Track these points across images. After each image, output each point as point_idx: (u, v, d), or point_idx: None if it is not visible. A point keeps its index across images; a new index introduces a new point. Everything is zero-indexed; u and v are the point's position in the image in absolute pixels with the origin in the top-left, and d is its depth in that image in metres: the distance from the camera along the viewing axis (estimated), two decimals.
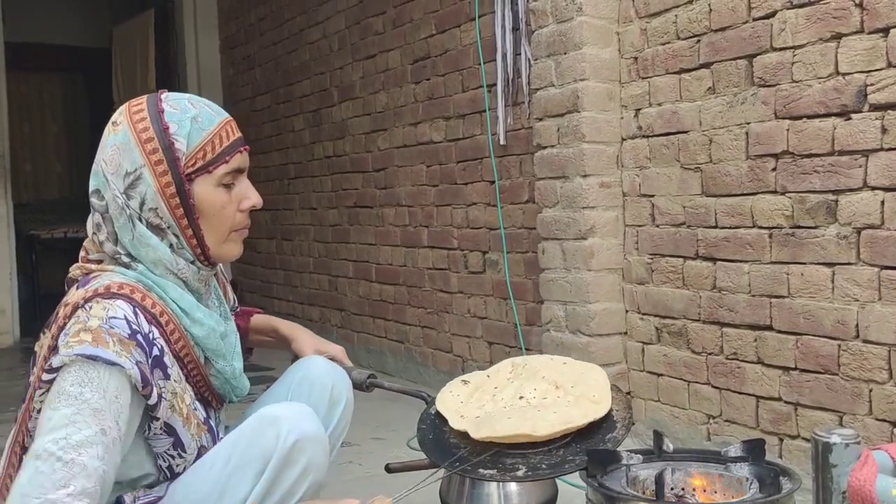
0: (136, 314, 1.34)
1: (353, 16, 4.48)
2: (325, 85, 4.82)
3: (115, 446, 1.27)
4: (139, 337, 1.32)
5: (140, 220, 1.41)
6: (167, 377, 1.38)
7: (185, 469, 1.43)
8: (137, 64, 6.63)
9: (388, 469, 2.02)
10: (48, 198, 8.50)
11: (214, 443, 1.50)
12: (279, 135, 5.41)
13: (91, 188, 1.45)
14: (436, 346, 3.94)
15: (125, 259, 1.42)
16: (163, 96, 1.46)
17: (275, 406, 1.47)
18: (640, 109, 2.83)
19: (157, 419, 1.37)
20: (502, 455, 1.77)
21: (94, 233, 1.45)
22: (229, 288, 1.76)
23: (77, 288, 1.39)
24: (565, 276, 2.94)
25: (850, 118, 2.21)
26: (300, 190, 5.19)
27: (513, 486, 2.15)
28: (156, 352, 1.36)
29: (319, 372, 1.73)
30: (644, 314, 2.85)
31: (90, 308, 1.31)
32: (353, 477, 2.71)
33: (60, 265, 1.56)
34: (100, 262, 1.45)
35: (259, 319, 1.89)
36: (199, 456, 1.45)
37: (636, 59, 2.83)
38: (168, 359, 1.40)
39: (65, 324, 1.32)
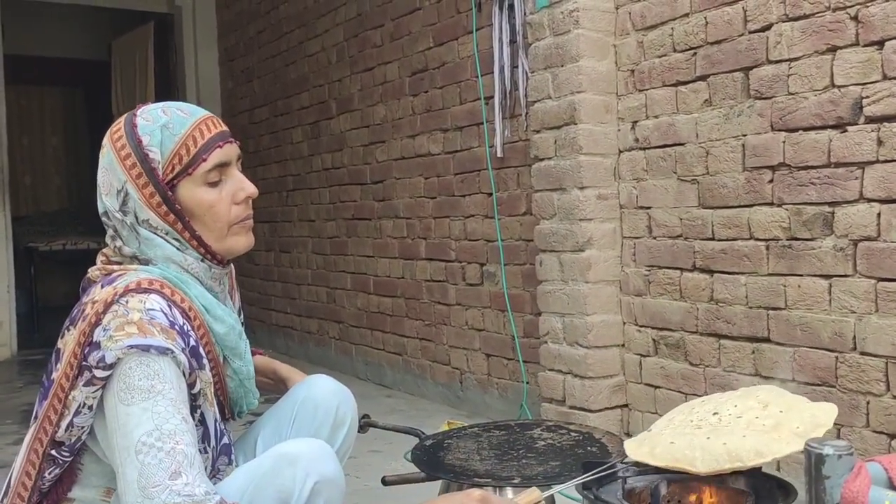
0: (170, 307, 1.36)
1: (352, 29, 4.50)
2: (324, 97, 4.84)
3: (195, 433, 1.29)
4: (177, 327, 1.34)
5: (140, 225, 1.44)
6: (202, 367, 1.39)
7: (208, 468, 1.42)
8: (137, 76, 6.64)
9: (385, 482, 2.02)
10: (47, 210, 8.51)
11: (229, 449, 1.50)
12: (278, 147, 5.42)
13: (99, 211, 1.50)
14: (434, 358, 3.93)
15: (143, 259, 1.45)
16: (139, 111, 1.49)
17: (294, 443, 1.44)
18: (636, 122, 2.84)
19: (198, 408, 1.38)
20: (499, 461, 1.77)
21: (111, 243, 1.49)
22: (238, 295, 1.75)
23: (101, 286, 1.39)
24: (563, 287, 2.94)
25: (846, 130, 2.21)
26: (298, 202, 5.20)
27: (508, 495, 2.15)
28: (192, 342, 1.37)
29: (325, 392, 1.73)
30: (641, 326, 2.85)
31: (127, 302, 1.32)
32: (351, 489, 2.70)
33: (59, 278, 1.58)
34: (120, 263, 1.47)
35: (260, 360, 1.86)
36: (214, 457, 1.45)
37: (633, 71, 2.84)
38: (202, 350, 1.41)
39: (98, 320, 1.31)
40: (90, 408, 1.30)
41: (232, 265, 1.61)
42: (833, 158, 2.24)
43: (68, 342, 1.35)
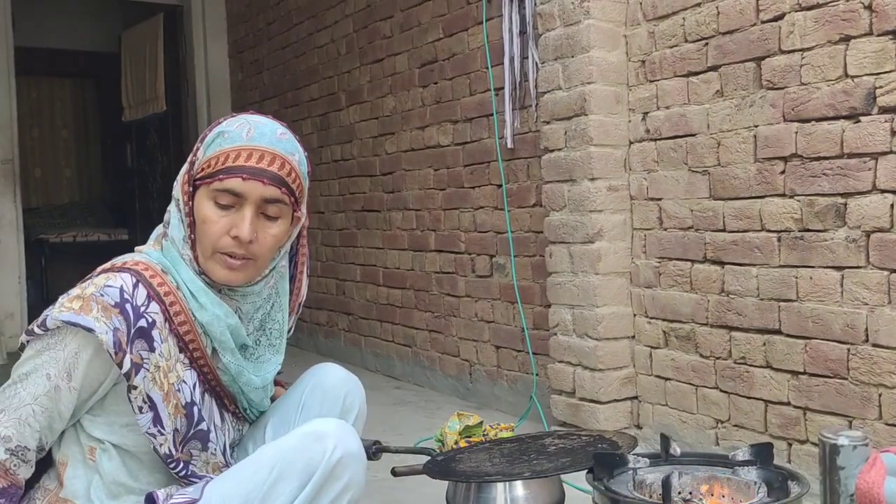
0: (135, 286, 1.44)
1: (361, 20, 4.49)
2: (333, 89, 4.83)
3: (58, 393, 1.41)
4: (127, 307, 1.41)
5: (175, 201, 1.54)
6: (151, 349, 1.43)
7: (168, 451, 1.46)
8: (146, 68, 6.65)
9: (394, 473, 2.02)
10: (58, 202, 8.53)
11: (205, 436, 1.52)
12: None
13: None
14: (443, 349, 3.93)
15: (165, 241, 1.54)
16: (240, 114, 1.55)
17: (320, 422, 1.49)
18: (647, 112, 2.82)
19: (136, 388, 1.41)
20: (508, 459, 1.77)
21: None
22: (291, 315, 1.73)
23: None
24: (573, 279, 2.93)
25: (858, 121, 2.19)
26: (307, 194, 5.19)
27: (519, 491, 2.15)
28: (142, 323, 1.42)
29: (334, 381, 1.73)
30: (652, 318, 2.84)
31: (95, 277, 1.44)
32: None
33: (70, 269, 1.63)
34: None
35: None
36: (175, 440, 1.47)
37: (644, 62, 2.83)
38: (159, 333, 1.44)
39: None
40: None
41: (254, 297, 1.59)
42: (846, 149, 2.23)
43: None
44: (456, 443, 2.24)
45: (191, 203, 1.50)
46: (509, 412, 3.41)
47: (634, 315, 2.91)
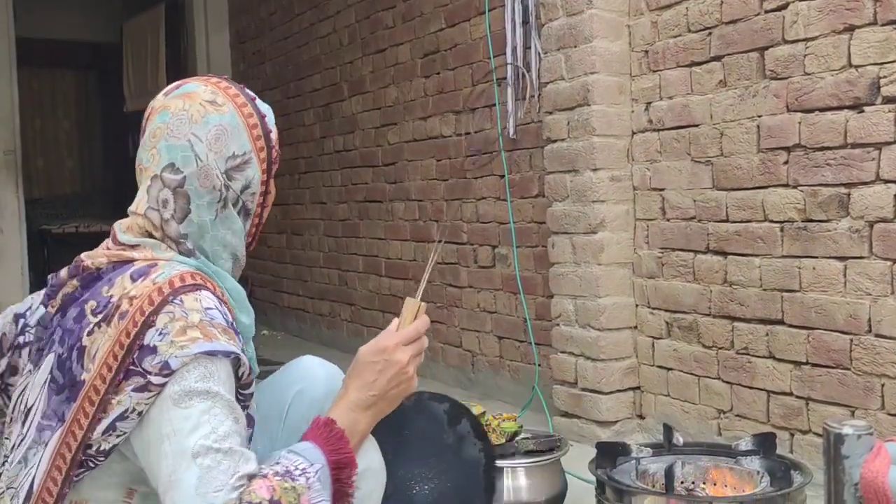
0: (220, 304, 1.29)
1: (363, 10, 4.48)
2: (336, 79, 4.82)
3: (244, 435, 1.23)
4: (232, 326, 1.28)
5: (235, 202, 1.37)
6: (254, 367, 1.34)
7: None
8: (148, 59, 6.64)
9: None
10: (60, 193, 8.53)
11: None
12: (289, 129, 5.41)
13: (165, 162, 1.34)
14: (445, 340, 3.93)
15: (188, 245, 1.35)
16: (235, 84, 1.46)
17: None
18: (650, 103, 2.81)
19: (248, 407, 1.31)
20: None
21: (155, 209, 1.35)
22: None
23: (132, 278, 1.29)
24: (575, 270, 2.93)
25: (862, 111, 2.19)
26: (310, 185, 5.19)
27: (522, 480, 2.16)
28: (241, 340, 1.31)
29: (320, 386, 1.58)
30: (654, 308, 2.84)
31: (182, 302, 1.23)
32: None
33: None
34: (135, 246, 1.35)
35: None
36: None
37: (647, 52, 2.82)
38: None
39: (147, 321, 1.22)
40: (139, 413, 1.21)
41: None
42: (849, 139, 2.22)
43: (100, 341, 1.25)
44: None
45: (266, 190, 1.41)
46: (511, 403, 3.41)
47: (637, 305, 2.91)
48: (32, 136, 8.21)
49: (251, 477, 1.16)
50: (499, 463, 2.13)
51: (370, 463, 1.38)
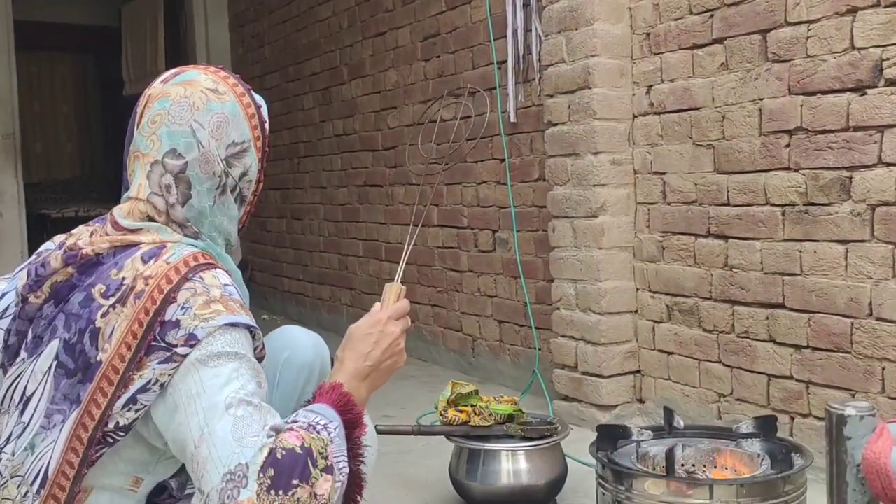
0: (232, 282, 1.33)
1: None
2: (335, 63, 4.80)
3: (266, 399, 1.26)
4: (245, 304, 1.33)
5: (233, 189, 1.41)
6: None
7: None
8: (147, 42, 6.61)
9: (378, 432, 2.01)
10: (59, 177, 8.52)
11: None
12: (289, 113, 5.39)
13: (166, 148, 1.36)
14: (446, 324, 3.93)
15: (194, 228, 1.37)
16: (232, 74, 1.49)
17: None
18: (652, 86, 2.80)
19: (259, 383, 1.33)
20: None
21: (159, 194, 1.36)
22: None
23: (144, 261, 1.29)
24: (576, 254, 2.93)
25: (865, 93, 2.18)
26: (310, 168, 5.18)
27: (522, 464, 2.16)
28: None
29: (307, 353, 1.67)
30: (655, 292, 2.84)
31: (202, 279, 1.27)
32: None
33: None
34: (137, 231, 1.35)
35: None
36: None
37: (648, 34, 2.80)
38: None
39: (168, 298, 1.24)
40: (162, 385, 1.23)
41: None
42: (852, 122, 2.21)
43: (115, 321, 1.26)
44: (444, 409, 2.22)
45: (258, 178, 1.45)
46: (512, 386, 3.42)
47: (637, 289, 2.91)
48: (31, 120, 8.19)
49: (278, 431, 1.19)
50: (500, 446, 2.14)
51: (371, 432, 1.40)
